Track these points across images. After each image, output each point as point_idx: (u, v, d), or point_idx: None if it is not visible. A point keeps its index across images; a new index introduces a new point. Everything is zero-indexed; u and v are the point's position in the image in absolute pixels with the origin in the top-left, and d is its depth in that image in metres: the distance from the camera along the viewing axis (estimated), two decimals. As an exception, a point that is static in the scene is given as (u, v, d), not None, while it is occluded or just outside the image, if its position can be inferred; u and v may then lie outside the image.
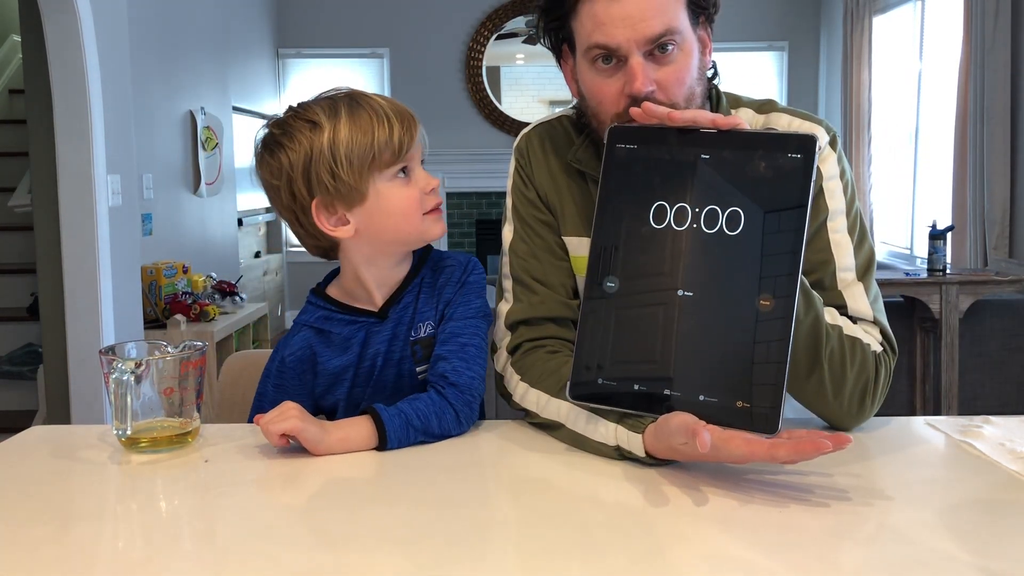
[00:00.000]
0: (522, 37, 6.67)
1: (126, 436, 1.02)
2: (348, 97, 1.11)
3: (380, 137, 1.08)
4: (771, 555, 0.75)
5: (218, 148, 5.07)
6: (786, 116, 1.19)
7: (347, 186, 1.08)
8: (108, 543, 0.82)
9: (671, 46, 1.05)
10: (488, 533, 0.82)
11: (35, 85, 3.19)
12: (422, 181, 1.13)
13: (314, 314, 1.21)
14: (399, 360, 1.18)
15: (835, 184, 1.15)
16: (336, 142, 1.07)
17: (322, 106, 1.10)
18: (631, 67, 1.05)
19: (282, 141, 1.10)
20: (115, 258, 3.30)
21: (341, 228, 1.12)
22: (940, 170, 4.91)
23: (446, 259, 1.21)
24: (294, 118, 1.10)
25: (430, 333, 1.18)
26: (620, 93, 1.07)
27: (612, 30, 1.04)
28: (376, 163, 1.09)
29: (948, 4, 4.92)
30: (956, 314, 3.42)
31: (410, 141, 1.10)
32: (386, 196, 1.11)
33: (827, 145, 1.15)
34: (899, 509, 0.85)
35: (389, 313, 1.18)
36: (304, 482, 0.95)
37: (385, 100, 1.12)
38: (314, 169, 1.08)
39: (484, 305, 1.19)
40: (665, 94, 1.06)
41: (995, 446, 1.01)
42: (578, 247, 1.21)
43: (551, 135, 1.26)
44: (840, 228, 1.14)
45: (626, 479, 0.94)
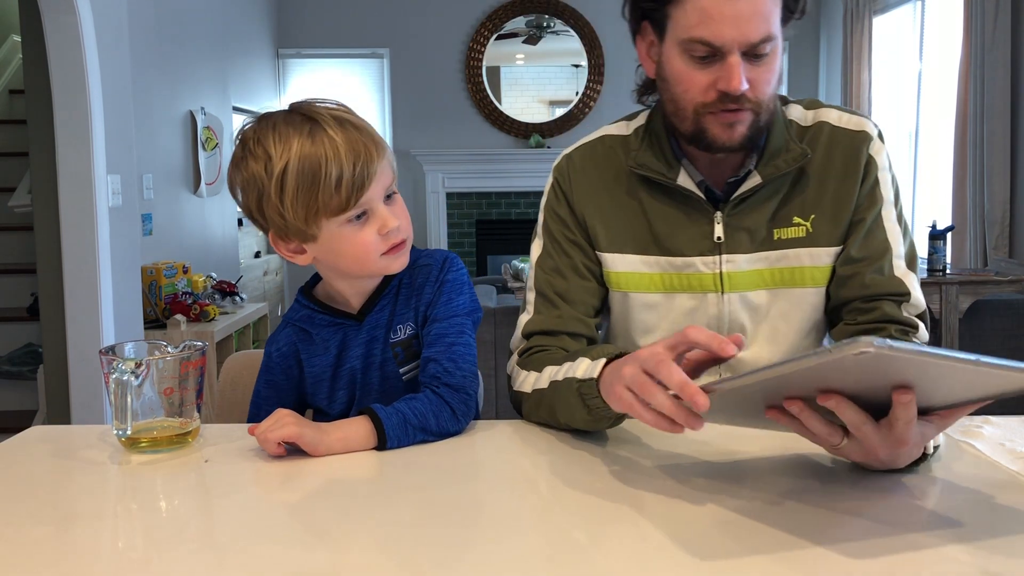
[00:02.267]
0: (522, 37, 6.67)
1: (126, 436, 1.02)
2: (309, 125, 1.05)
3: (328, 185, 1.02)
4: (768, 555, 0.75)
5: (218, 148, 5.07)
6: (835, 111, 1.22)
7: (295, 227, 1.06)
8: (108, 543, 0.82)
9: (768, 49, 1.08)
10: (488, 533, 0.82)
11: (35, 85, 3.19)
12: (379, 222, 1.07)
13: (299, 312, 1.22)
14: (381, 363, 1.18)
15: (886, 175, 1.21)
16: (284, 184, 1.03)
17: (279, 132, 1.05)
18: (730, 65, 1.06)
19: (239, 165, 1.07)
20: (115, 258, 3.30)
21: (299, 256, 1.11)
22: (940, 170, 4.91)
23: (421, 257, 1.19)
24: (254, 140, 1.06)
25: (410, 334, 1.17)
26: (710, 85, 1.09)
27: (720, 28, 1.05)
28: (322, 211, 1.04)
29: (948, 4, 4.92)
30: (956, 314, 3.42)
31: (361, 186, 1.04)
32: (337, 240, 1.07)
33: (877, 138, 1.21)
34: (898, 509, 0.85)
35: (365, 318, 1.17)
36: (304, 482, 0.95)
37: (343, 134, 1.04)
38: (265, 204, 1.06)
39: (468, 302, 1.17)
40: (755, 93, 1.09)
41: (995, 446, 1.01)
42: (615, 263, 1.24)
43: (593, 155, 1.27)
44: (892, 217, 1.20)
45: (625, 479, 0.94)
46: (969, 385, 0.79)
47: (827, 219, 1.19)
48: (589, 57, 6.64)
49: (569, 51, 6.69)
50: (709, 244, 1.20)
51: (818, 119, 1.22)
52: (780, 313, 1.22)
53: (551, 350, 1.19)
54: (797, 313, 1.22)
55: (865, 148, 1.19)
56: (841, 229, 1.19)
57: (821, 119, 1.22)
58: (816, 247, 1.19)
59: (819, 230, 1.19)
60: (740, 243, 1.20)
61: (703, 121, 1.12)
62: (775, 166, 1.18)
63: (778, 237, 1.20)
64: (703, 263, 1.20)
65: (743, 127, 1.12)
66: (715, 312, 1.22)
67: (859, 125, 1.21)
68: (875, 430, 0.81)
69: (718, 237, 1.20)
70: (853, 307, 1.19)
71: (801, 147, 1.18)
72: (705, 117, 1.12)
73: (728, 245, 1.20)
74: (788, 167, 1.17)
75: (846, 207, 1.19)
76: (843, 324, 1.20)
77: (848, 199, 1.18)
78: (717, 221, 1.20)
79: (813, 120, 1.22)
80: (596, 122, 6.54)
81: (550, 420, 1.10)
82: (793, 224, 1.20)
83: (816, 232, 1.19)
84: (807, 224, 1.19)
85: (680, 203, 1.21)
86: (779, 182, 1.19)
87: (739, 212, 1.20)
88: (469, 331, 1.16)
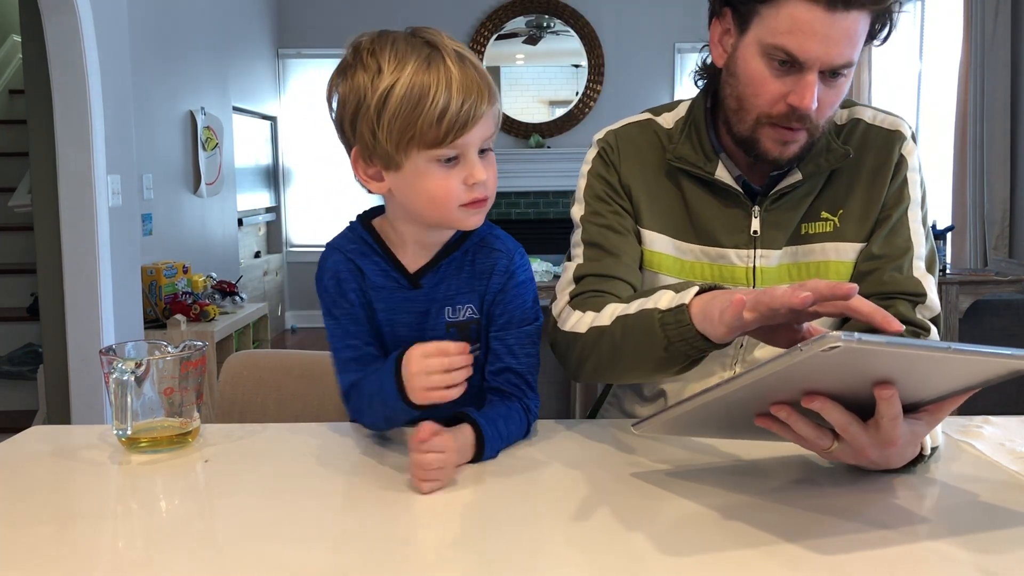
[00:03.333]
0: (522, 37, 6.67)
1: (126, 436, 1.02)
2: (428, 49, 1.00)
3: (430, 114, 0.96)
4: (769, 555, 0.75)
5: (218, 148, 5.07)
6: (869, 110, 1.22)
7: (384, 150, 0.99)
8: (108, 543, 0.82)
9: (843, 75, 1.07)
10: (488, 533, 0.82)
11: (35, 85, 3.19)
12: (467, 170, 1.00)
13: (351, 242, 1.11)
14: (431, 339, 1.06)
15: (915, 176, 1.20)
16: (386, 102, 0.97)
17: (397, 49, 0.99)
18: (807, 83, 1.05)
19: (346, 72, 1.01)
20: (115, 258, 3.30)
21: (375, 183, 1.04)
22: (940, 170, 4.91)
23: (492, 238, 1.11)
24: (369, 51, 1.00)
25: (470, 317, 1.10)
26: (780, 97, 1.08)
27: (808, 43, 1.03)
28: (416, 141, 0.98)
29: (948, 4, 4.91)
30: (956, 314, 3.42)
31: (464, 125, 0.97)
32: (421, 176, 1.00)
33: (911, 139, 1.21)
34: (899, 509, 0.85)
35: (422, 283, 1.09)
36: (304, 482, 0.95)
37: (461, 67, 0.98)
38: (360, 118, 0.99)
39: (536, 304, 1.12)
40: (819, 115, 1.09)
41: (995, 446, 1.01)
42: (654, 241, 1.22)
43: (641, 134, 1.26)
44: (917, 218, 1.19)
45: (624, 479, 0.94)
46: (951, 375, 0.78)
47: (855, 215, 1.19)
48: (589, 57, 6.64)
49: (569, 51, 6.69)
50: (745, 238, 1.19)
51: (853, 116, 1.22)
52: None
53: (605, 296, 1.15)
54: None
55: (898, 148, 1.19)
56: (868, 226, 1.19)
57: (856, 116, 1.21)
58: (842, 242, 1.19)
59: (846, 226, 1.19)
60: (774, 238, 1.19)
61: (760, 131, 1.11)
62: (816, 164, 1.17)
63: (805, 232, 1.20)
64: (737, 256, 1.20)
65: (796, 146, 1.11)
66: None
67: (894, 125, 1.21)
68: (863, 430, 0.81)
69: (754, 231, 1.19)
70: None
71: (844, 147, 1.17)
72: (764, 128, 1.11)
73: (763, 240, 1.19)
74: (830, 166, 1.17)
75: (875, 204, 1.18)
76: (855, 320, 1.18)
77: (877, 196, 1.18)
78: (755, 215, 1.19)
79: (848, 118, 1.22)
80: (596, 122, 6.55)
81: (608, 363, 1.06)
82: (821, 219, 1.19)
83: (843, 227, 1.19)
84: (835, 219, 1.19)
85: (718, 195, 1.21)
86: (816, 178, 1.19)
87: (777, 208, 1.19)
88: (539, 340, 1.12)
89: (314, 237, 6.75)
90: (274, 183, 6.59)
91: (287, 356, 1.48)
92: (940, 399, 0.83)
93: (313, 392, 1.43)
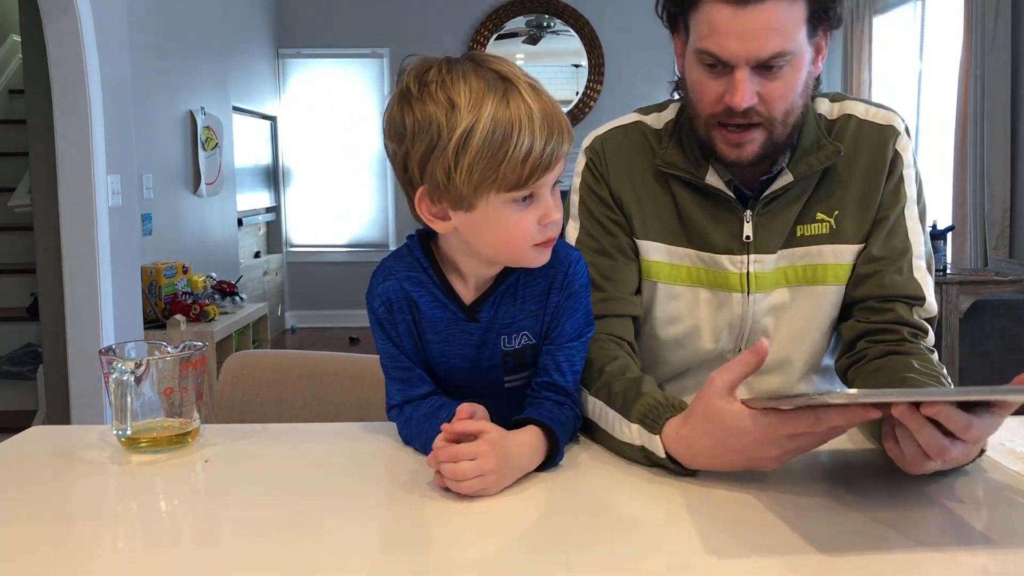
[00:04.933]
0: (522, 37, 6.67)
1: (126, 436, 1.02)
2: (505, 86, 0.92)
3: (514, 157, 0.90)
4: (770, 555, 0.75)
5: (218, 148, 5.07)
6: (861, 104, 1.20)
7: (458, 192, 0.93)
8: (108, 543, 0.82)
9: (779, 66, 1.05)
10: (488, 533, 0.82)
11: (35, 85, 3.19)
12: (542, 210, 0.95)
13: (409, 269, 1.05)
14: (487, 368, 1.07)
15: (911, 172, 1.18)
16: (466, 143, 0.90)
17: (471, 86, 0.91)
18: (735, 80, 1.04)
19: (413, 105, 0.93)
20: (115, 258, 3.30)
21: (440, 222, 0.98)
22: (940, 170, 4.91)
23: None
24: (438, 84, 0.93)
25: (525, 344, 1.06)
26: (719, 97, 1.07)
27: (725, 42, 1.03)
28: (497, 184, 0.92)
29: (948, 4, 4.92)
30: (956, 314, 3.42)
31: (548, 166, 0.93)
32: (496, 218, 0.94)
33: (904, 132, 1.18)
34: (898, 509, 0.85)
35: (479, 316, 1.04)
36: (304, 482, 0.95)
37: (539, 104, 0.92)
38: (433, 159, 0.92)
39: (587, 313, 1.08)
40: (766, 108, 1.07)
41: (995, 446, 1.01)
42: (651, 251, 1.21)
43: (628, 139, 1.24)
44: (914, 216, 1.17)
45: (625, 479, 0.94)
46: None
47: (851, 216, 1.16)
48: (589, 57, 6.64)
49: (569, 51, 6.69)
50: (738, 243, 1.18)
51: (844, 111, 1.19)
52: (802, 311, 1.20)
53: (600, 340, 1.14)
54: (818, 312, 1.20)
55: (892, 143, 1.17)
56: (865, 226, 1.17)
57: (847, 112, 1.19)
58: (839, 244, 1.17)
59: (843, 227, 1.16)
60: (768, 242, 1.17)
61: (713, 134, 1.11)
62: (807, 164, 1.15)
63: (801, 234, 1.17)
64: (730, 262, 1.18)
65: (753, 145, 1.10)
66: (739, 312, 1.19)
67: (886, 119, 1.18)
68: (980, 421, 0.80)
69: (747, 236, 1.17)
70: (867, 305, 1.16)
71: (834, 144, 1.15)
72: (714, 130, 1.11)
73: (757, 244, 1.17)
74: (821, 164, 1.15)
75: (871, 204, 1.16)
76: (854, 321, 1.17)
77: (873, 196, 1.16)
78: (747, 220, 1.17)
79: (839, 113, 1.19)
80: (596, 122, 6.53)
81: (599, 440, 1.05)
82: (816, 220, 1.17)
83: (840, 229, 1.17)
84: (831, 220, 1.17)
85: (709, 200, 1.19)
86: (809, 179, 1.16)
87: (769, 211, 1.17)
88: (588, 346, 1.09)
89: (314, 237, 6.75)
90: (274, 183, 6.59)
91: (287, 356, 1.48)
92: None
93: (313, 392, 1.43)
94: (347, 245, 6.74)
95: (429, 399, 1.05)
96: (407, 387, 1.07)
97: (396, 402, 1.07)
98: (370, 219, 6.76)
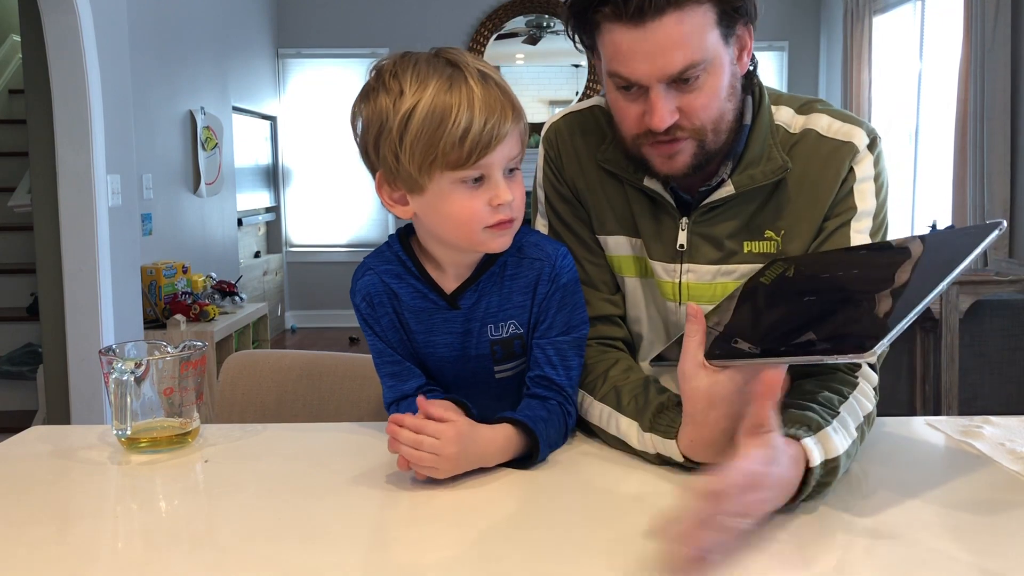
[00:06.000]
0: (522, 37, 6.67)
1: (126, 436, 1.02)
2: (450, 69, 0.97)
3: (452, 134, 0.94)
4: (770, 555, 0.75)
5: (218, 148, 5.07)
6: (826, 117, 1.10)
7: (407, 173, 0.98)
8: (108, 543, 0.82)
9: (695, 77, 0.99)
10: (488, 533, 0.82)
11: (35, 85, 3.19)
12: (492, 192, 0.98)
13: (386, 262, 1.09)
14: (475, 357, 1.09)
15: (868, 186, 1.10)
16: (408, 123, 0.95)
17: (419, 71, 0.97)
18: (651, 101, 0.99)
19: (369, 95, 1.00)
20: (115, 258, 3.30)
21: (399, 207, 1.03)
22: (940, 170, 4.91)
23: (528, 247, 1.08)
24: (391, 74, 0.99)
25: (513, 333, 1.08)
26: (640, 118, 1.02)
27: (632, 64, 0.98)
28: (439, 162, 0.96)
29: (948, 4, 4.92)
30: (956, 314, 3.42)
31: (487, 145, 0.96)
32: (445, 198, 0.99)
33: (865, 148, 1.09)
34: (899, 509, 0.85)
35: (460, 303, 1.07)
36: (304, 482, 0.95)
37: (484, 86, 0.97)
38: (383, 142, 0.98)
39: (580, 309, 1.09)
40: (689, 121, 1.01)
41: (995, 446, 1.01)
42: (615, 247, 1.17)
43: (582, 126, 1.19)
44: (864, 229, 1.10)
45: (622, 480, 0.94)
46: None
47: (797, 234, 1.09)
48: (589, 57, 6.64)
49: (569, 51, 6.68)
50: (671, 251, 1.12)
51: (807, 126, 1.10)
52: None
53: (592, 346, 1.13)
54: None
55: (848, 161, 1.08)
56: (808, 243, 1.10)
57: (809, 126, 1.10)
58: None
59: (789, 245, 1.09)
60: (704, 253, 1.11)
61: (643, 151, 1.05)
62: (751, 176, 1.07)
63: (748, 250, 1.10)
64: (664, 270, 1.13)
65: (685, 156, 1.04)
66: (674, 320, 1.15)
67: (848, 135, 1.09)
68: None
69: (680, 245, 1.11)
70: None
71: (783, 157, 1.08)
72: (644, 148, 1.05)
73: (691, 254, 1.11)
74: (765, 179, 1.07)
75: (816, 220, 1.09)
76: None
77: (819, 214, 1.09)
78: (682, 228, 1.11)
79: (801, 127, 1.10)
80: (596, 122, 6.53)
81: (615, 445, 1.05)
82: (764, 238, 1.10)
83: (785, 247, 1.10)
84: (778, 239, 1.10)
85: (649, 201, 1.14)
86: (753, 193, 1.09)
87: (707, 220, 1.10)
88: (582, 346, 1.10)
89: (314, 237, 6.74)
90: (274, 183, 6.59)
91: (287, 356, 1.48)
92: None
93: (313, 392, 1.43)
94: (347, 245, 6.74)
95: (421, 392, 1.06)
96: (397, 382, 1.09)
97: (390, 399, 1.09)
98: (370, 219, 6.76)
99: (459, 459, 0.92)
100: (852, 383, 1.01)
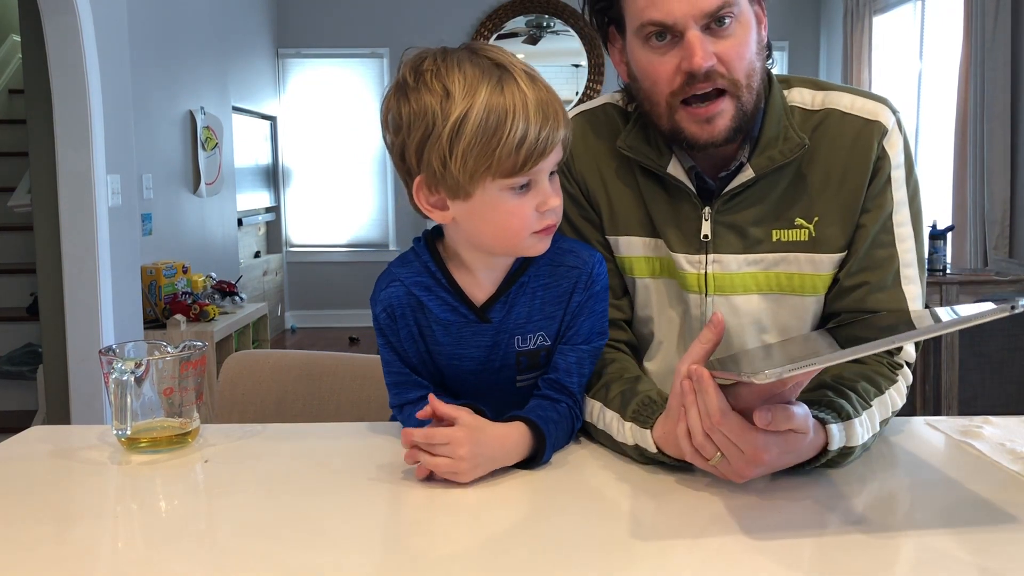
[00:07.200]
0: (522, 37, 6.67)
1: (126, 436, 1.02)
2: (499, 73, 0.93)
3: (508, 143, 0.91)
4: (770, 555, 0.75)
5: (218, 148, 5.07)
6: (848, 96, 1.10)
7: (455, 179, 0.94)
8: (108, 543, 0.82)
9: (729, 18, 0.99)
10: (488, 532, 0.82)
11: (35, 85, 3.19)
12: (540, 197, 0.96)
13: (415, 274, 1.05)
14: (499, 368, 1.06)
15: (900, 173, 1.09)
16: (459, 130, 0.91)
17: (466, 73, 0.93)
18: (688, 41, 0.98)
19: (409, 95, 0.94)
20: (115, 258, 3.30)
21: (438, 212, 0.98)
22: (940, 170, 4.91)
23: (567, 259, 1.05)
24: (433, 72, 0.94)
25: (541, 345, 1.05)
26: (676, 70, 1.01)
27: (667, 5, 0.98)
28: (492, 170, 0.93)
29: (948, 4, 4.92)
30: (956, 314, 3.41)
31: (543, 152, 0.93)
32: (493, 205, 0.95)
33: (894, 126, 1.08)
34: (899, 509, 0.85)
35: (491, 317, 1.04)
36: (304, 482, 0.95)
37: (534, 91, 0.93)
38: (428, 147, 0.93)
39: (603, 318, 1.08)
40: (727, 68, 1.00)
41: (995, 446, 1.01)
42: (626, 247, 1.15)
43: (594, 124, 1.17)
44: (904, 221, 1.09)
45: (631, 479, 0.94)
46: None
47: (831, 223, 1.07)
48: (589, 57, 6.64)
49: (569, 51, 6.69)
50: (696, 243, 1.10)
51: (827, 104, 1.09)
52: (777, 322, 1.12)
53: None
54: (796, 323, 1.12)
55: (877, 142, 1.06)
56: (846, 235, 1.08)
57: (830, 105, 1.09)
58: (818, 253, 1.08)
59: (822, 234, 1.08)
60: (730, 242, 1.10)
61: (677, 118, 1.03)
62: (769, 157, 1.06)
63: (777, 239, 1.09)
64: (688, 262, 1.11)
65: (724, 119, 1.02)
66: (697, 314, 1.12)
67: (873, 113, 1.07)
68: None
69: (705, 235, 1.10)
70: (846, 319, 1.10)
71: (799, 135, 1.06)
72: (679, 113, 1.03)
73: (716, 244, 1.10)
74: (784, 159, 1.06)
75: (853, 210, 1.07)
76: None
77: (855, 202, 1.07)
78: (705, 218, 1.09)
79: (821, 105, 1.09)
80: (596, 122, 6.54)
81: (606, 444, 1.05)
82: (795, 226, 1.09)
83: (819, 236, 1.08)
84: (810, 227, 1.08)
85: (670, 192, 1.12)
86: (777, 176, 1.07)
87: (730, 208, 1.09)
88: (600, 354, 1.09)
89: (314, 237, 6.74)
90: (274, 183, 6.59)
91: (287, 356, 1.48)
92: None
93: (313, 392, 1.43)
94: (347, 245, 6.74)
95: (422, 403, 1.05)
96: (401, 391, 1.08)
97: (394, 404, 1.09)
98: (370, 219, 6.76)
99: (475, 458, 0.91)
100: (892, 379, 1.04)
